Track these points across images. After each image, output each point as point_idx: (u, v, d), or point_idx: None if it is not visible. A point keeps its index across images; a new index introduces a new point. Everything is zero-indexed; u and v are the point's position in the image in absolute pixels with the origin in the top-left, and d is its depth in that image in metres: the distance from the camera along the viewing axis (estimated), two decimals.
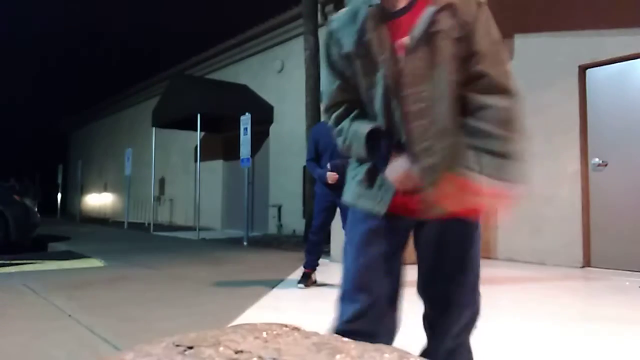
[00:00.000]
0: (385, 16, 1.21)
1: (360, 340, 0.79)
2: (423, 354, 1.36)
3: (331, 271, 4.47)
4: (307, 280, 4.06)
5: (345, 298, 1.30)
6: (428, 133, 1.21)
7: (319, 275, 4.19)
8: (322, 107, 1.43)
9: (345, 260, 1.35)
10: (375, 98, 1.26)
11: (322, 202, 4.03)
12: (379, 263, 1.28)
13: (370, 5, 1.21)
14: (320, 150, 4.06)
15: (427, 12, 1.17)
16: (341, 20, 1.29)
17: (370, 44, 1.21)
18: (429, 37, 1.17)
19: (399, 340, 1.44)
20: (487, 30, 1.22)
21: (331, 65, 1.34)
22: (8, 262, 5.71)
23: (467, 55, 1.21)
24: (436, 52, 1.18)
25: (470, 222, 1.30)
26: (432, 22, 1.17)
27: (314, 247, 4.09)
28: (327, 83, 1.36)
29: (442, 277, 1.32)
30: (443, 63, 1.19)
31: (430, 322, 1.38)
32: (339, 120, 1.37)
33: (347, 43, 1.26)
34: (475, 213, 1.29)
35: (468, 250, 1.31)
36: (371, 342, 0.81)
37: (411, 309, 1.68)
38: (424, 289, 1.38)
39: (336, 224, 4.65)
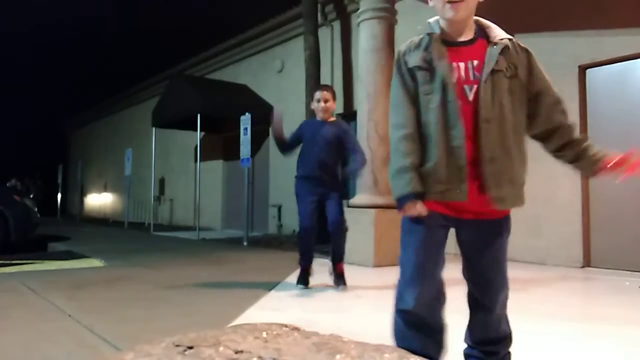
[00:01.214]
0: (446, 43, 1.55)
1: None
2: (469, 325, 1.66)
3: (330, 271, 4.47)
4: (305, 279, 4.02)
5: (409, 285, 1.56)
6: (492, 144, 1.51)
7: (318, 275, 4.18)
8: (392, 121, 1.61)
9: (406, 252, 1.60)
10: (432, 101, 1.53)
11: (306, 202, 3.90)
12: (438, 255, 1.58)
13: (431, 32, 1.56)
14: (304, 144, 3.99)
15: (491, 52, 1.52)
16: (407, 45, 1.63)
17: (433, 58, 1.53)
18: (492, 73, 1.51)
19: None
20: (541, 71, 1.62)
21: (401, 78, 1.61)
22: (8, 262, 5.71)
23: (531, 92, 1.59)
24: (496, 84, 1.51)
25: (501, 220, 1.59)
26: (496, 61, 1.51)
27: (307, 249, 3.97)
28: (397, 96, 1.61)
29: (484, 266, 1.60)
30: (500, 94, 1.52)
31: (475, 300, 1.64)
32: (408, 149, 1.56)
33: (413, 60, 1.57)
34: (506, 211, 1.59)
35: (502, 244, 1.60)
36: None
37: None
38: (469, 275, 1.64)
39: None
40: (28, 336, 2.59)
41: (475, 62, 1.52)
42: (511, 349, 1.69)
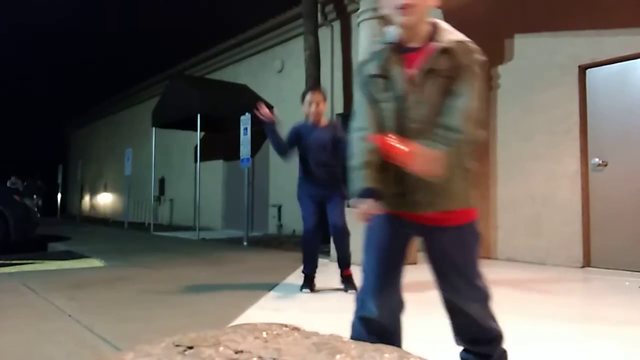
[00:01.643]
0: (401, 50, 1.56)
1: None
2: (452, 328, 1.65)
3: (330, 271, 4.47)
4: (311, 284, 3.96)
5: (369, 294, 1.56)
6: (423, 136, 1.50)
7: (318, 275, 4.17)
8: (355, 125, 1.64)
9: (368, 259, 1.60)
10: (388, 109, 1.56)
11: (308, 206, 3.88)
12: (400, 262, 1.60)
13: (388, 42, 1.57)
14: (301, 148, 3.94)
15: (434, 55, 1.51)
16: (367, 54, 1.64)
17: (387, 67, 1.55)
18: (428, 73, 1.51)
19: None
20: (472, 81, 1.51)
21: (360, 86, 1.64)
22: (8, 262, 5.71)
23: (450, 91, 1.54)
24: (430, 85, 1.51)
25: (463, 227, 1.57)
26: (433, 62, 1.51)
27: (310, 255, 3.94)
28: (358, 103, 1.64)
29: (449, 274, 1.58)
30: (433, 94, 1.51)
31: (450, 303, 1.62)
32: (365, 148, 1.57)
33: (370, 68, 1.60)
34: (472, 218, 1.58)
35: (465, 251, 1.57)
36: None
37: (411, 311, 1.68)
38: (437, 283, 1.63)
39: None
40: (28, 336, 2.59)
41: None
42: (507, 347, 1.69)
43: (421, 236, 1.60)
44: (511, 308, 3.36)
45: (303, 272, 3.99)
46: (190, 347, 0.75)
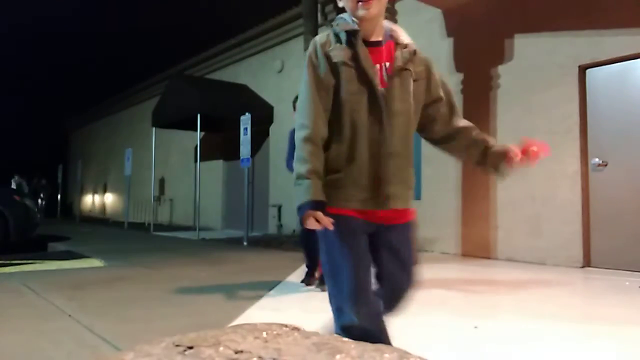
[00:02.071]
0: (365, 43, 1.52)
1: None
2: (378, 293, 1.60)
3: None
4: (309, 278, 4.06)
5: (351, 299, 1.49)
6: (395, 138, 1.52)
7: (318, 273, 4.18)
8: (298, 121, 1.52)
9: (338, 265, 1.52)
10: (359, 102, 1.50)
11: None
12: (369, 263, 1.55)
13: (352, 30, 1.51)
14: None
15: (402, 53, 1.54)
16: (327, 39, 1.55)
17: (359, 57, 1.49)
18: (400, 71, 1.53)
19: (399, 340, 1.44)
20: (439, 79, 1.64)
21: (317, 73, 1.52)
22: (8, 262, 5.71)
23: (428, 99, 1.62)
24: (403, 83, 1.54)
25: (408, 224, 1.60)
26: (406, 61, 1.54)
27: (309, 250, 4.02)
28: (308, 92, 1.51)
29: (395, 270, 1.59)
30: (406, 92, 1.55)
31: (385, 288, 1.60)
32: (308, 154, 1.48)
33: (337, 55, 1.50)
34: (414, 215, 1.63)
35: (409, 249, 1.61)
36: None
37: (411, 311, 1.68)
38: (380, 276, 1.60)
39: None
40: (28, 336, 2.59)
41: (387, 64, 1.52)
42: (507, 347, 1.69)
43: (372, 236, 1.55)
44: (511, 308, 3.36)
45: (307, 265, 4.12)
46: (190, 347, 0.75)
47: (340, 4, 1.57)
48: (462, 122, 1.66)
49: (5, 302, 3.50)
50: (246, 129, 8.10)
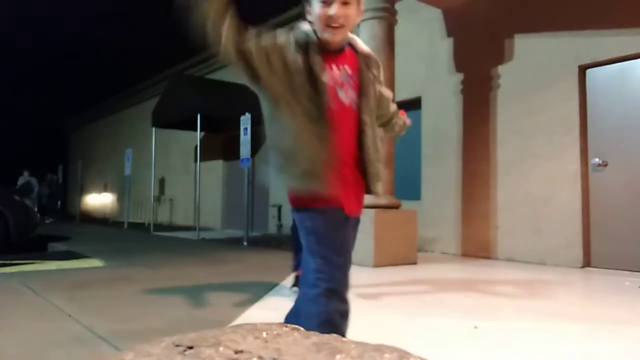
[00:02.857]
0: (321, 50, 1.61)
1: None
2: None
3: None
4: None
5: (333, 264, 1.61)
6: (372, 146, 1.69)
7: None
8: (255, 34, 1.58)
9: (323, 237, 1.62)
10: (314, 102, 1.58)
11: None
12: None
13: (310, 39, 1.60)
14: None
15: (366, 62, 1.68)
16: (297, 35, 1.63)
17: (313, 64, 1.58)
18: (367, 81, 1.67)
19: (399, 340, 1.43)
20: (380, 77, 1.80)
21: (288, 40, 1.60)
22: (8, 262, 5.71)
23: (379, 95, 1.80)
24: (369, 91, 1.68)
25: (359, 218, 1.76)
26: (367, 68, 1.68)
27: (295, 248, 3.98)
28: (271, 35, 1.59)
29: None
30: (372, 99, 1.70)
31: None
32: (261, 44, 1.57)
33: (297, 54, 1.59)
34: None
35: (355, 235, 1.78)
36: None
37: (411, 311, 1.68)
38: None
39: None
40: (28, 336, 2.59)
41: (347, 67, 1.63)
42: (507, 347, 1.69)
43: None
44: (511, 308, 3.36)
45: (294, 270, 4.03)
46: (190, 347, 0.74)
47: (309, 18, 1.62)
48: (392, 107, 1.96)
49: (5, 302, 3.50)
50: (246, 129, 8.10)
